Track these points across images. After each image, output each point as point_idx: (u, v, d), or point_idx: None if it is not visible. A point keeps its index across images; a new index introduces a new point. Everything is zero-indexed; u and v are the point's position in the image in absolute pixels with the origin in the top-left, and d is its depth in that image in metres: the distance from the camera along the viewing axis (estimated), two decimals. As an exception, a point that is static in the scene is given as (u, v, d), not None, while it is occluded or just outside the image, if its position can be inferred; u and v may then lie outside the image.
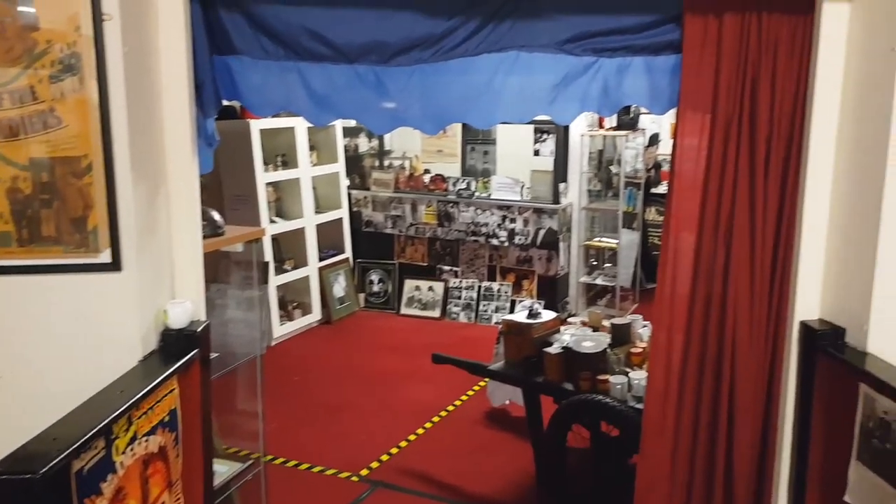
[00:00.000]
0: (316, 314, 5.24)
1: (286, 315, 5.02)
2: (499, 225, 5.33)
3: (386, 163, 5.95)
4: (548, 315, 3.14)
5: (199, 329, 1.76)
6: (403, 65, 1.71)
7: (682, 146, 1.80)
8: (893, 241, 1.62)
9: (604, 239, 5.52)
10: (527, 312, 3.14)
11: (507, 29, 1.71)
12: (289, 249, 5.14)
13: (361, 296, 5.71)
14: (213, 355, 1.93)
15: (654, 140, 5.97)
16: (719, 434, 1.86)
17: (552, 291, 5.28)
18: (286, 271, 5.04)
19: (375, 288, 5.74)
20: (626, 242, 5.44)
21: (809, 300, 1.82)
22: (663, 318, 1.87)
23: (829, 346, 1.71)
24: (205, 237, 1.94)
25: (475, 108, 1.78)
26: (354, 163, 5.85)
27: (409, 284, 5.60)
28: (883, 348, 1.65)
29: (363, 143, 5.98)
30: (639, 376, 2.52)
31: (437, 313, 5.43)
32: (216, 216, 2.28)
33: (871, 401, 1.56)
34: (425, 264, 5.65)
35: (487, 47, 1.71)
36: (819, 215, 1.78)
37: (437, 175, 5.60)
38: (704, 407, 1.86)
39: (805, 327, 1.79)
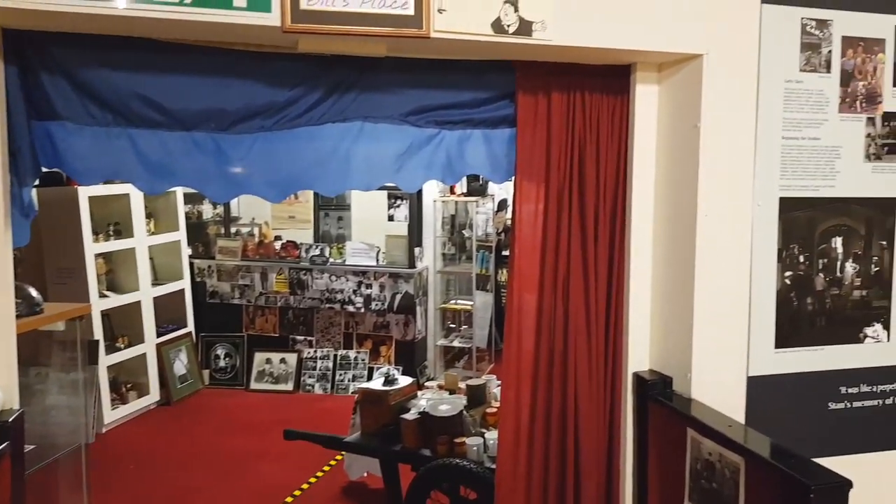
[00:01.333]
0: (154, 395, 4.87)
1: (119, 398, 4.63)
2: (354, 291, 5.32)
3: (233, 230, 5.78)
4: (405, 381, 3.16)
5: (10, 419, 1.58)
6: (245, 132, 1.72)
7: (520, 213, 1.94)
8: (707, 297, 1.83)
9: (459, 301, 5.69)
10: (383, 380, 3.14)
11: (350, 100, 1.78)
12: (122, 325, 4.77)
13: (206, 372, 5.40)
14: (29, 447, 1.74)
15: (502, 205, 6.32)
16: (567, 487, 1.95)
17: (410, 356, 5.31)
18: (119, 349, 4.67)
19: (222, 363, 5.46)
20: (481, 304, 5.64)
21: (640, 352, 2.00)
22: (511, 376, 1.96)
23: (658, 394, 1.88)
24: (19, 316, 1.77)
25: (322, 176, 1.81)
26: (197, 230, 5.62)
27: (260, 357, 5.39)
28: (704, 394, 1.84)
29: (207, 210, 5.79)
30: (494, 436, 2.59)
31: (290, 386, 5.26)
32: (33, 293, 2.10)
33: (697, 444, 1.72)
34: (277, 335, 5.48)
35: (332, 117, 1.77)
36: (643, 275, 1.99)
37: (289, 242, 5.53)
38: (553, 461, 1.96)
39: (638, 378, 1.96)
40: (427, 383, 3.82)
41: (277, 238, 5.63)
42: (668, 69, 1.92)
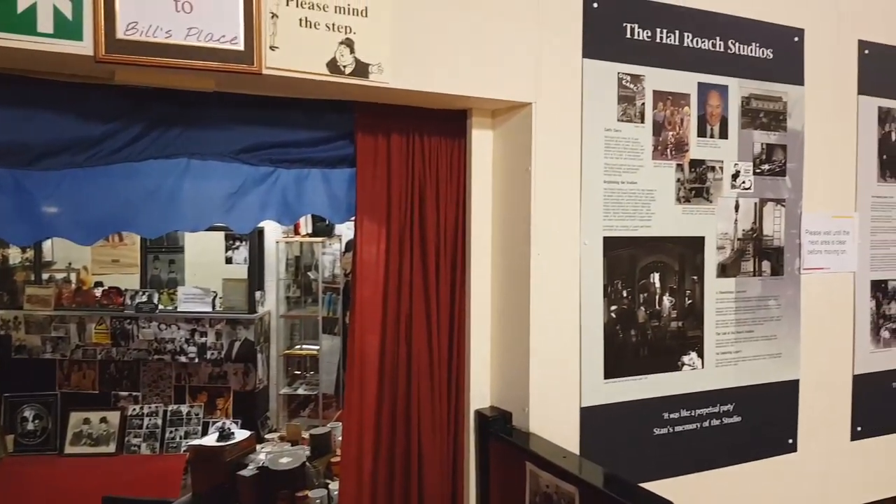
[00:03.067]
0: (-60, 471, 4.23)
1: None
2: (187, 340, 5.01)
3: (45, 276, 5.24)
4: (242, 434, 3.00)
5: None
6: (52, 168, 1.57)
7: (362, 253, 1.94)
8: (541, 333, 1.93)
9: (305, 346, 5.54)
10: (217, 435, 2.96)
11: (175, 135, 1.70)
12: None
13: (10, 438, 4.78)
14: None
15: (350, 246, 6.29)
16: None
17: (251, 407, 5.06)
18: None
19: (30, 426, 4.88)
20: (328, 348, 5.53)
21: (482, 390, 2.05)
22: (353, 423, 1.92)
23: (499, 430, 1.93)
24: None
25: (141, 216, 1.70)
26: (2, 277, 5.03)
27: (76, 417, 4.87)
28: (542, 427, 1.92)
29: (14, 254, 5.21)
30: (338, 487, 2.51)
31: (112, 448, 4.80)
32: None
33: (535, 477, 1.78)
34: (96, 392, 5.01)
35: (154, 153, 1.67)
36: (483, 314, 2.05)
37: (111, 288, 5.11)
38: (397, 506, 1.94)
39: (479, 415, 2.00)
40: (268, 435, 3.65)
41: (98, 284, 5.18)
42: (501, 116, 2.03)
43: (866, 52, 2.41)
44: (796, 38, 2.29)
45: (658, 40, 2.07)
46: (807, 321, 2.34)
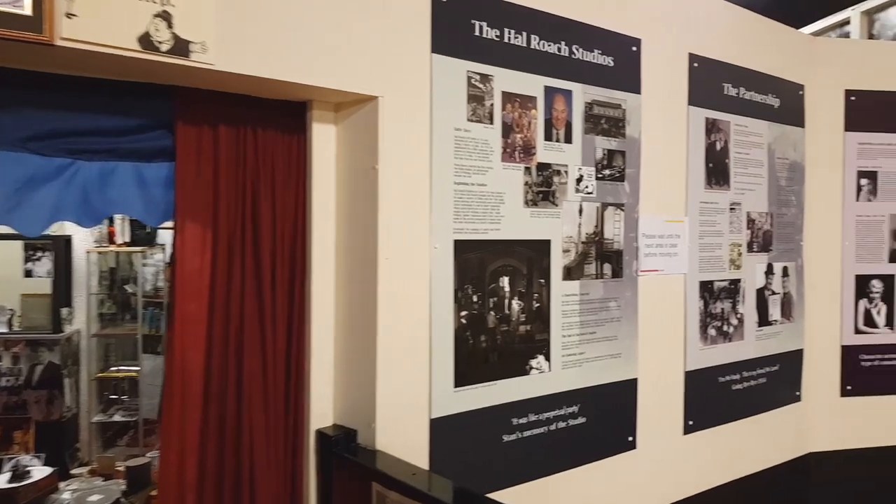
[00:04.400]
0: None
1: None
2: (-26, 365, 4.33)
3: None
4: (42, 472, 2.60)
5: None
6: None
7: (183, 262, 1.72)
8: (389, 342, 1.82)
9: (122, 368, 5.01)
10: (11, 474, 2.54)
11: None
12: None
13: None
14: None
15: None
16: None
17: (57, 440, 4.48)
18: None
19: None
20: (150, 369, 5.05)
21: (324, 407, 1.90)
22: (172, 451, 1.69)
23: (343, 450, 1.79)
24: None
25: None
26: None
27: None
28: (390, 443, 1.81)
29: None
30: (160, 528, 2.23)
31: None
32: None
33: (383, 498, 1.67)
34: None
35: None
36: (325, 325, 1.91)
37: None
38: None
39: (321, 435, 1.85)
40: (76, 470, 3.22)
41: None
42: (346, 109, 1.90)
43: (695, 64, 2.58)
44: (634, 48, 2.39)
45: (506, 40, 2.06)
46: (643, 321, 2.44)
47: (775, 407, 2.94)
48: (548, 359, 2.18)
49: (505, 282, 2.07)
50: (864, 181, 3.12)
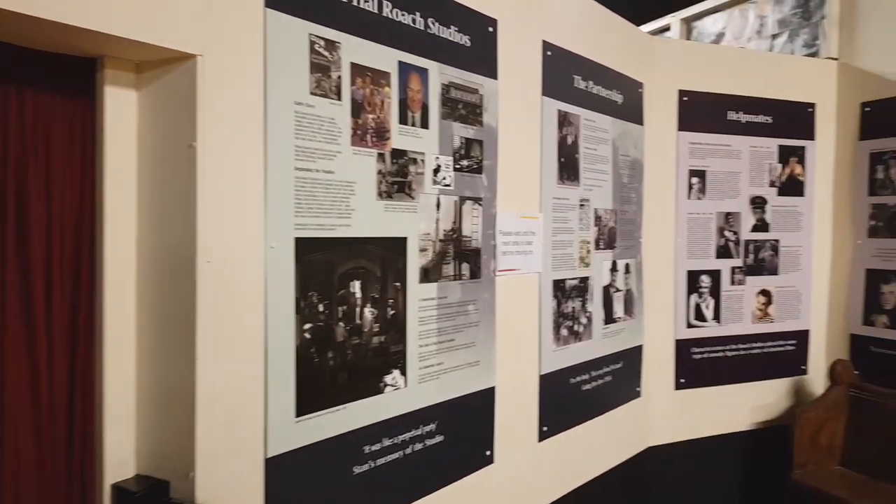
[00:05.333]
0: None
1: None
2: None
3: None
4: None
5: None
6: None
7: None
8: (211, 368, 1.42)
9: None
10: None
11: None
12: None
13: None
14: None
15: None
16: None
17: None
18: None
19: None
20: None
21: (123, 455, 1.46)
22: None
23: (153, 510, 1.37)
24: None
25: None
26: None
27: None
28: (213, 494, 1.42)
29: None
30: None
31: None
32: None
33: (209, 573, 1.28)
34: None
35: None
36: (123, 349, 1.47)
37: None
38: None
39: (119, 491, 1.41)
40: None
41: None
42: (153, 70, 1.47)
43: (549, 53, 2.41)
44: (490, 28, 2.16)
45: (355, 3, 1.72)
46: (501, 325, 2.23)
47: (620, 404, 2.90)
48: (403, 373, 1.89)
49: (356, 287, 1.74)
50: (694, 180, 3.18)
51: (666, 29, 4.59)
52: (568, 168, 2.54)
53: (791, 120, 3.33)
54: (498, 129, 2.19)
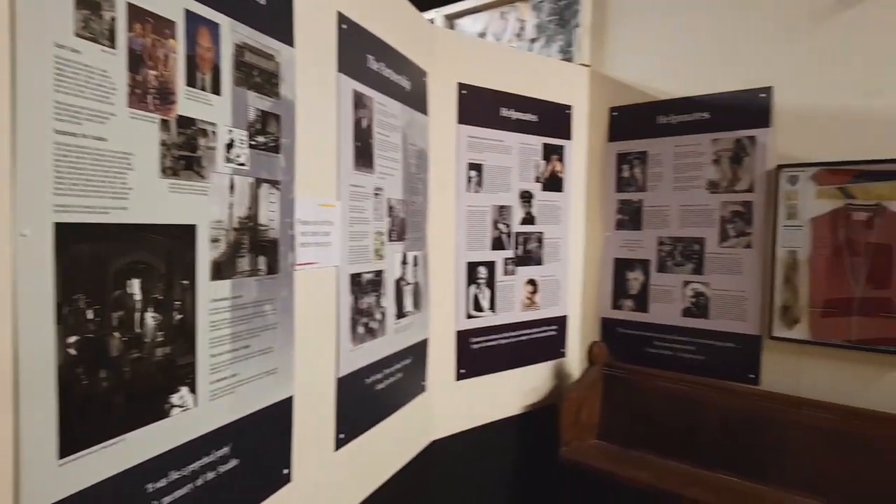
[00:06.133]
0: None
1: None
2: None
3: None
4: None
5: None
6: None
7: None
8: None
9: None
10: None
11: None
12: None
13: None
14: None
15: None
16: None
17: None
18: None
19: None
20: None
21: None
22: None
23: None
24: None
25: None
26: None
27: None
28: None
29: None
30: None
31: None
32: None
33: None
34: None
35: None
36: None
37: None
38: None
39: None
40: None
41: None
42: None
43: (344, 27, 2.23)
44: (287, -11, 1.92)
45: (132, -73, 1.38)
46: (300, 326, 2.00)
47: (409, 401, 2.83)
48: (193, 390, 1.58)
49: (135, 286, 1.40)
50: (472, 173, 3.24)
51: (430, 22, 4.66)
52: (363, 154, 2.39)
53: (553, 120, 3.58)
54: (296, 103, 1.96)
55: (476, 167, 3.26)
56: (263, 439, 1.86)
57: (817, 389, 3.02)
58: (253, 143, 1.77)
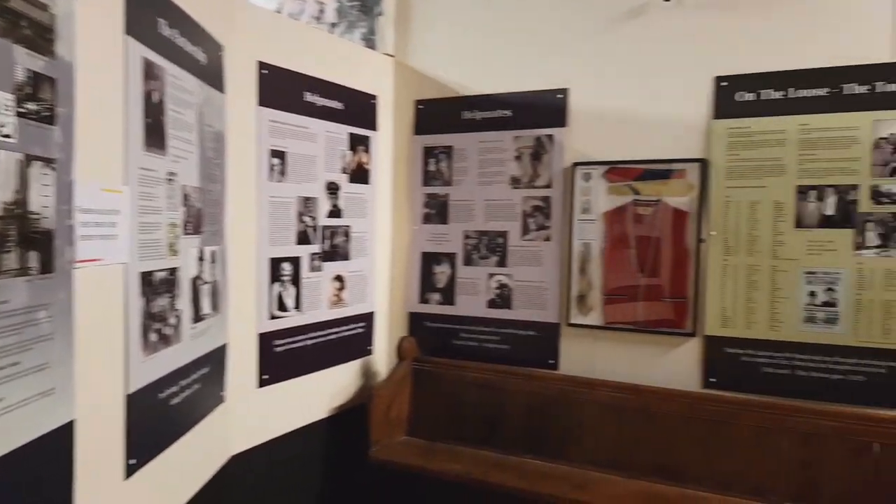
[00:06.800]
0: None
1: None
2: None
3: None
4: None
5: None
6: None
7: None
8: None
9: None
10: None
11: None
12: None
13: None
14: None
15: None
16: None
17: None
18: None
19: None
20: None
21: None
22: None
23: None
24: None
25: None
26: None
27: None
28: None
29: None
30: None
31: None
32: None
33: None
34: None
35: None
36: None
37: None
38: None
39: None
40: None
41: None
42: None
43: (133, -19, 1.91)
44: (62, -76, 1.58)
45: None
46: (82, 336, 1.67)
47: (206, 414, 2.54)
48: (-60, 424, 1.22)
49: None
50: (275, 160, 3.01)
51: None
52: (154, 132, 2.08)
53: (358, 109, 3.46)
54: (75, 66, 1.62)
55: (279, 154, 3.03)
56: (36, 476, 1.52)
57: (609, 370, 3.27)
58: (22, 110, 1.42)
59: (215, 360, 2.63)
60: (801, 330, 2.95)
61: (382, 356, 3.69)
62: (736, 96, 3.05)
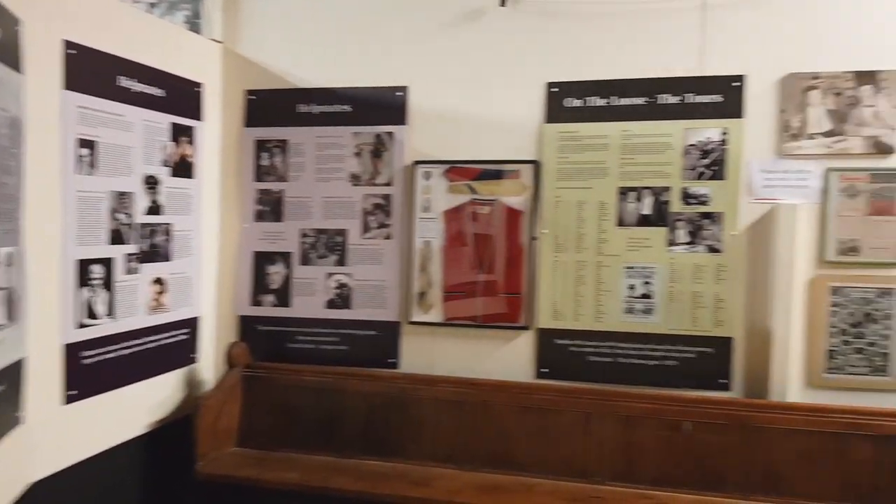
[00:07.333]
0: None
1: None
2: None
3: None
4: None
5: None
6: None
7: None
8: None
9: None
10: None
11: None
12: None
13: None
14: None
15: None
16: None
17: None
18: None
19: None
20: None
21: None
22: None
23: None
24: None
25: None
26: None
27: None
28: None
29: None
30: None
31: None
32: None
33: None
34: None
35: None
36: None
37: None
38: None
39: None
40: None
41: None
42: None
43: None
44: None
45: None
46: None
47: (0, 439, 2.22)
48: None
49: None
50: (84, 151, 2.70)
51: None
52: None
53: (181, 97, 3.21)
54: None
55: (88, 144, 2.72)
56: None
57: (449, 366, 3.32)
58: None
59: (11, 376, 2.30)
60: (622, 320, 3.18)
61: (209, 364, 3.46)
62: (565, 102, 3.22)
